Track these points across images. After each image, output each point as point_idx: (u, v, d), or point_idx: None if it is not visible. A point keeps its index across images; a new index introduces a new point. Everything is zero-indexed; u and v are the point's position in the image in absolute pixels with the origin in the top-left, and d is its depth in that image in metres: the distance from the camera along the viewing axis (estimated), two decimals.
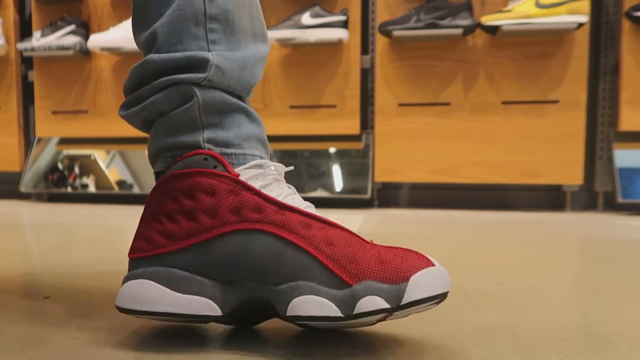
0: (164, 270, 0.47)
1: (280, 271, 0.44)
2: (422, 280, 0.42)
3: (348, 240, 0.45)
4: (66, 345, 0.48)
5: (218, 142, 0.50)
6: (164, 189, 0.49)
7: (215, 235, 0.46)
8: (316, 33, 1.79)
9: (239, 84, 0.52)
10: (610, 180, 1.81)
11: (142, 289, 0.47)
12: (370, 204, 1.97)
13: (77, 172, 2.12)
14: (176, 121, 0.51)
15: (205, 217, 0.47)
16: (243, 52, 0.52)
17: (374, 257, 0.44)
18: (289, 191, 0.50)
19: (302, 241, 0.45)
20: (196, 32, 0.50)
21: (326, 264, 0.44)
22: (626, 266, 0.87)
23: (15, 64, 2.18)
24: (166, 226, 0.48)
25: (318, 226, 0.46)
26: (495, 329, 0.53)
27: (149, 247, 0.49)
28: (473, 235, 1.23)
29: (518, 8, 1.67)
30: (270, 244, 0.45)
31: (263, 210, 0.46)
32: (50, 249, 1.04)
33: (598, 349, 0.48)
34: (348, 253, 0.44)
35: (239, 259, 0.46)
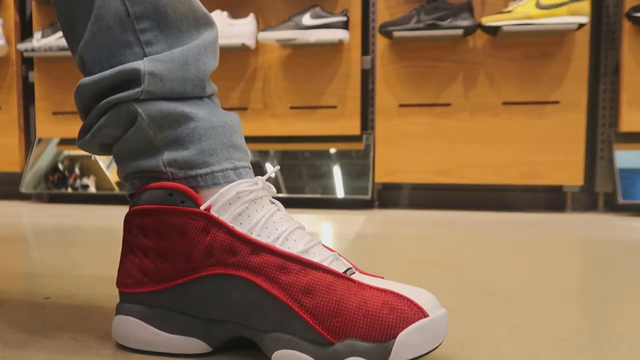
0: (149, 310, 0.46)
1: (260, 319, 0.42)
2: (410, 339, 0.39)
3: (330, 286, 0.41)
4: (66, 345, 0.48)
5: (180, 164, 0.46)
6: (136, 221, 0.47)
7: (191, 279, 0.44)
8: (316, 34, 1.79)
9: (186, 82, 0.47)
10: (611, 181, 1.81)
11: (134, 329, 0.47)
12: (370, 204, 1.97)
13: (77, 172, 2.12)
14: (132, 144, 0.47)
15: (179, 259, 0.45)
16: (183, 47, 0.47)
17: (358, 307, 0.40)
18: (270, 211, 0.46)
19: (280, 291, 0.41)
20: (125, 38, 0.45)
21: (306, 319, 0.40)
22: (626, 267, 0.87)
23: (16, 64, 2.18)
24: (143, 262, 0.47)
25: (297, 270, 0.42)
26: (495, 329, 0.53)
27: (131, 282, 0.47)
28: (473, 236, 1.23)
29: (518, 9, 1.67)
30: (248, 291, 0.42)
31: (237, 252, 0.43)
32: (51, 249, 1.04)
33: (598, 349, 0.48)
34: (330, 304, 0.40)
35: (218, 302, 0.44)
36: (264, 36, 1.81)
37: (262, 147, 1.97)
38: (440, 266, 0.86)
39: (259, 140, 1.97)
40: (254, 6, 1.96)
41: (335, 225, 1.42)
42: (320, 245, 0.46)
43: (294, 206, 1.87)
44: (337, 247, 1.06)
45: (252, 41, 1.88)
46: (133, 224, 0.47)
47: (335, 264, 0.44)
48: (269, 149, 1.96)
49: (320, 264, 0.42)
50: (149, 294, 0.46)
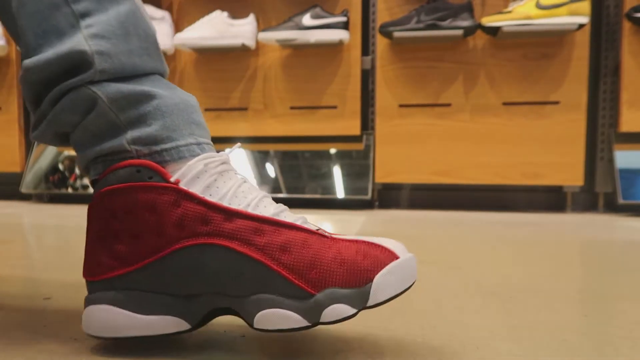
0: (122, 294, 0.45)
1: (240, 284, 0.42)
2: (386, 279, 0.41)
3: (305, 241, 0.43)
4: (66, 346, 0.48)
5: (144, 140, 0.45)
6: (103, 204, 0.46)
7: (166, 253, 0.44)
8: (317, 34, 1.79)
9: (132, 55, 0.46)
10: (611, 182, 1.81)
11: (107, 316, 0.45)
12: (370, 205, 1.97)
13: (77, 172, 2.12)
14: (93, 128, 0.46)
15: (151, 236, 0.44)
16: (118, 14, 0.46)
17: (334, 258, 0.42)
18: (238, 182, 0.46)
19: (257, 252, 0.42)
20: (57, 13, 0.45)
21: (285, 275, 0.41)
22: (627, 267, 0.87)
23: (16, 64, 2.18)
24: (114, 247, 0.45)
25: (271, 231, 0.43)
26: (495, 330, 0.53)
27: (100, 270, 0.46)
28: (473, 236, 1.23)
29: (518, 9, 1.67)
30: (225, 258, 0.42)
31: (210, 221, 0.43)
32: (51, 249, 1.04)
33: (599, 350, 0.48)
34: (306, 258, 0.42)
35: (195, 274, 0.43)
36: (264, 36, 1.81)
37: (263, 148, 1.97)
38: (440, 266, 0.86)
39: (259, 140, 1.97)
40: (254, 6, 1.96)
41: (335, 225, 1.42)
42: (289, 211, 0.47)
43: (294, 206, 1.87)
44: None
45: (252, 41, 1.88)
46: (101, 208, 0.46)
47: (307, 225, 0.45)
48: (269, 149, 1.96)
49: (294, 223, 0.44)
50: (121, 277, 0.45)
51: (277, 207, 0.46)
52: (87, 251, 0.48)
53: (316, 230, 0.45)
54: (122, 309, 0.45)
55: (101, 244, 0.46)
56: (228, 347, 0.47)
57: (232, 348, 0.47)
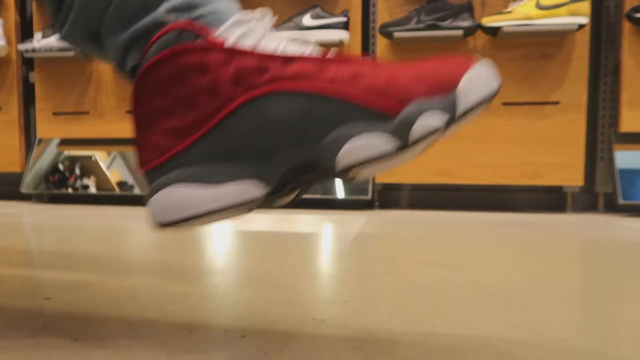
0: (188, 170, 0.41)
1: (314, 128, 0.39)
2: (471, 83, 0.37)
3: (375, 68, 0.39)
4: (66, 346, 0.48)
5: (179, 7, 0.42)
6: (148, 84, 0.42)
7: (226, 114, 0.40)
8: (317, 34, 1.79)
9: None
10: (611, 182, 1.81)
11: (177, 196, 0.41)
12: (371, 205, 1.97)
13: (77, 173, 2.12)
14: (123, 11, 0.43)
15: (206, 99, 0.41)
16: None
17: (410, 74, 0.39)
18: (284, 41, 0.42)
19: (326, 85, 0.39)
20: None
21: (362, 101, 0.38)
22: (627, 267, 0.87)
23: (16, 65, 2.18)
24: (168, 124, 0.42)
25: (335, 66, 0.40)
26: (495, 330, 0.53)
27: (158, 153, 0.42)
28: (473, 236, 1.23)
29: (519, 9, 1.67)
30: (292, 103, 0.39)
31: (267, 69, 0.40)
32: (51, 250, 1.04)
33: (599, 350, 0.48)
34: (382, 79, 0.38)
35: (262, 130, 0.39)
36: None
37: None
38: (440, 266, 0.86)
39: None
40: (254, 7, 1.96)
41: (335, 225, 1.42)
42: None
43: (293, 206, 1.87)
44: (337, 247, 1.06)
45: None
46: (146, 87, 0.42)
47: None
48: None
49: (355, 57, 0.41)
50: (184, 152, 0.41)
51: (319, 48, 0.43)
52: (139, 140, 0.44)
53: None
54: (191, 184, 0.41)
55: (153, 126, 0.42)
56: (228, 347, 0.47)
57: (232, 348, 0.47)
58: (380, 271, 0.82)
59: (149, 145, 0.43)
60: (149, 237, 1.18)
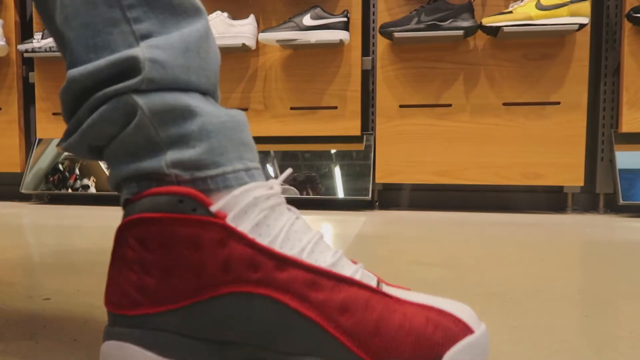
0: (149, 334, 0.39)
1: (288, 341, 0.37)
2: (459, 357, 0.36)
3: (368, 302, 0.37)
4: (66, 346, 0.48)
5: (186, 164, 0.40)
6: (134, 232, 0.40)
7: (206, 297, 0.38)
8: (317, 35, 1.79)
9: (190, 71, 0.41)
10: (612, 182, 1.81)
11: (125, 355, 0.40)
12: (371, 205, 1.97)
13: (77, 173, 2.12)
14: (129, 144, 0.41)
15: (189, 276, 0.38)
16: (180, 31, 0.41)
17: (400, 325, 0.37)
18: (290, 219, 0.41)
19: (312, 310, 0.37)
20: (111, 15, 0.40)
21: (343, 342, 0.36)
22: (627, 268, 0.87)
23: (16, 65, 2.18)
24: (142, 279, 0.40)
25: (329, 286, 0.38)
26: (496, 330, 0.53)
27: (126, 303, 0.40)
28: (474, 236, 1.22)
29: (519, 9, 1.67)
30: (274, 311, 0.37)
31: (260, 267, 0.38)
32: (51, 250, 1.03)
33: (599, 350, 0.48)
34: (369, 323, 0.37)
35: (237, 323, 0.38)
36: (264, 37, 1.81)
37: (263, 148, 1.97)
38: (441, 267, 0.86)
39: (259, 140, 1.97)
40: (254, 7, 1.96)
41: (335, 226, 1.42)
42: (344, 257, 0.41)
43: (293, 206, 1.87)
44: (337, 247, 1.06)
45: (253, 42, 1.88)
46: (130, 234, 0.40)
47: (365, 278, 0.40)
48: (269, 150, 1.96)
49: (354, 278, 0.38)
50: (149, 316, 0.39)
51: (334, 253, 0.40)
52: (111, 278, 0.42)
53: (377, 286, 0.40)
54: (147, 351, 0.39)
55: (128, 272, 0.40)
56: None
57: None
58: (380, 271, 0.82)
59: (118, 290, 0.41)
60: None
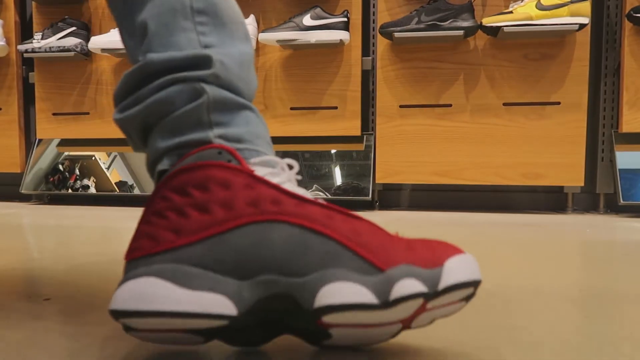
0: (170, 267, 0.41)
1: (305, 260, 0.41)
2: (456, 265, 0.41)
3: (374, 231, 0.44)
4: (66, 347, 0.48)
5: (229, 137, 0.48)
6: (172, 184, 0.45)
7: (231, 227, 0.42)
8: (317, 35, 1.79)
9: (242, 81, 0.50)
10: (612, 182, 1.81)
11: (144, 287, 0.40)
12: (371, 205, 1.97)
13: (77, 173, 2.12)
14: (182, 120, 0.47)
15: (219, 208, 0.43)
16: (237, 48, 0.51)
17: (403, 245, 0.42)
18: (304, 192, 0.47)
19: (328, 229, 0.42)
20: (185, 25, 0.49)
21: (356, 250, 0.41)
22: (627, 268, 0.87)
23: (16, 65, 2.18)
24: (174, 221, 0.43)
25: (341, 218, 0.43)
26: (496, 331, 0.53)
27: (151, 245, 0.43)
28: (474, 237, 1.22)
29: (519, 10, 1.67)
30: (292, 233, 0.42)
31: (282, 202, 0.43)
32: (51, 250, 1.03)
33: (600, 351, 0.48)
34: (377, 241, 0.42)
35: (257, 251, 0.41)
36: (264, 37, 1.81)
37: None
38: None
39: None
40: (254, 7, 1.96)
41: None
42: None
43: None
44: None
45: (253, 42, 1.88)
46: (168, 187, 0.45)
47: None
48: None
49: (360, 216, 0.45)
50: (175, 250, 0.42)
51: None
52: (138, 231, 0.45)
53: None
54: (167, 281, 0.41)
55: (159, 220, 0.44)
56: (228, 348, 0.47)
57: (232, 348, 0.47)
58: None
59: (145, 235, 0.44)
60: None
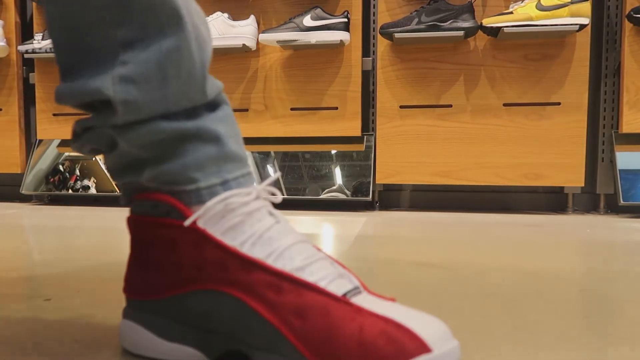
0: (152, 317, 0.45)
1: (252, 338, 0.40)
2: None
3: (325, 308, 0.38)
4: (67, 348, 0.48)
5: (161, 180, 0.43)
6: (132, 229, 0.47)
7: (185, 292, 0.43)
8: (317, 35, 1.79)
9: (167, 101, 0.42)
10: (612, 183, 1.81)
11: (135, 335, 0.46)
12: (371, 206, 1.97)
13: (78, 174, 2.12)
14: (116, 161, 0.46)
15: (172, 271, 0.43)
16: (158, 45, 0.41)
17: (354, 334, 0.36)
18: (268, 224, 0.43)
19: (268, 311, 0.39)
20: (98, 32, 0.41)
21: (293, 342, 0.38)
22: (628, 268, 0.87)
23: (17, 66, 2.18)
24: (147, 273, 0.46)
25: (289, 289, 0.39)
26: (496, 331, 0.53)
27: (132, 291, 0.47)
28: (474, 237, 1.22)
29: (519, 10, 1.67)
30: (237, 309, 0.40)
31: (226, 267, 0.41)
32: (52, 251, 1.03)
33: (600, 351, 0.48)
34: (322, 328, 0.37)
35: (211, 317, 0.42)
36: (264, 37, 1.81)
37: (263, 149, 1.97)
38: (441, 267, 0.86)
39: (259, 141, 1.97)
40: (254, 7, 1.96)
41: (336, 226, 1.42)
42: (323, 261, 0.42)
43: (294, 207, 1.87)
44: (338, 248, 1.06)
45: (253, 42, 1.88)
46: (131, 230, 0.47)
47: (337, 283, 0.40)
48: (269, 150, 1.96)
49: (315, 284, 0.39)
50: (151, 302, 0.45)
51: (308, 256, 0.42)
52: (129, 267, 0.48)
53: (348, 291, 0.40)
54: (149, 331, 0.45)
55: (137, 266, 0.47)
56: None
57: None
58: (381, 272, 0.82)
59: (130, 277, 0.47)
60: None
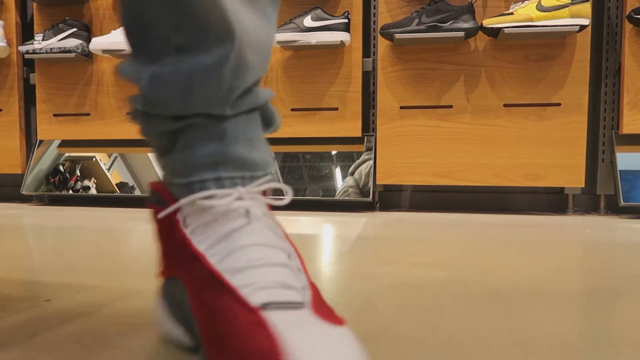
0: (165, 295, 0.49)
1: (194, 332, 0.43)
2: None
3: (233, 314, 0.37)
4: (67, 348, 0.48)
5: (168, 169, 0.47)
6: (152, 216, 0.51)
7: (168, 276, 0.48)
8: (318, 36, 1.79)
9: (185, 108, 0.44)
10: (612, 184, 1.81)
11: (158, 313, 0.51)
12: (372, 206, 1.97)
13: (78, 174, 2.12)
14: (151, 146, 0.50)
15: (160, 256, 0.49)
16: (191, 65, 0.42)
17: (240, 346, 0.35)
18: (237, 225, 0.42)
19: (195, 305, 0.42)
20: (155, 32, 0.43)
21: (205, 346, 0.39)
22: (628, 269, 0.87)
23: (17, 66, 2.18)
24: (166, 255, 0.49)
25: (214, 287, 0.39)
26: (497, 332, 0.53)
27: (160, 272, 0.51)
28: (475, 238, 1.22)
29: (520, 11, 1.67)
30: (185, 297, 0.44)
31: (181, 258, 0.45)
32: (52, 251, 1.03)
33: (600, 352, 0.48)
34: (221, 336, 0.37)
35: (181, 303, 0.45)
36: None
37: None
38: (441, 268, 0.86)
39: None
40: None
41: (336, 227, 1.42)
42: (275, 267, 0.40)
43: (295, 208, 1.87)
44: (338, 249, 1.06)
45: None
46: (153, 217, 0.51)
47: (268, 292, 0.38)
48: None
49: (235, 288, 0.38)
50: (164, 282, 0.50)
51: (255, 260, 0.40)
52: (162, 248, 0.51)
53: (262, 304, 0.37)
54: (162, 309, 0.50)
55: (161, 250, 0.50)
56: None
57: None
58: (382, 272, 0.82)
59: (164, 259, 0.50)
60: (149, 239, 1.18)
